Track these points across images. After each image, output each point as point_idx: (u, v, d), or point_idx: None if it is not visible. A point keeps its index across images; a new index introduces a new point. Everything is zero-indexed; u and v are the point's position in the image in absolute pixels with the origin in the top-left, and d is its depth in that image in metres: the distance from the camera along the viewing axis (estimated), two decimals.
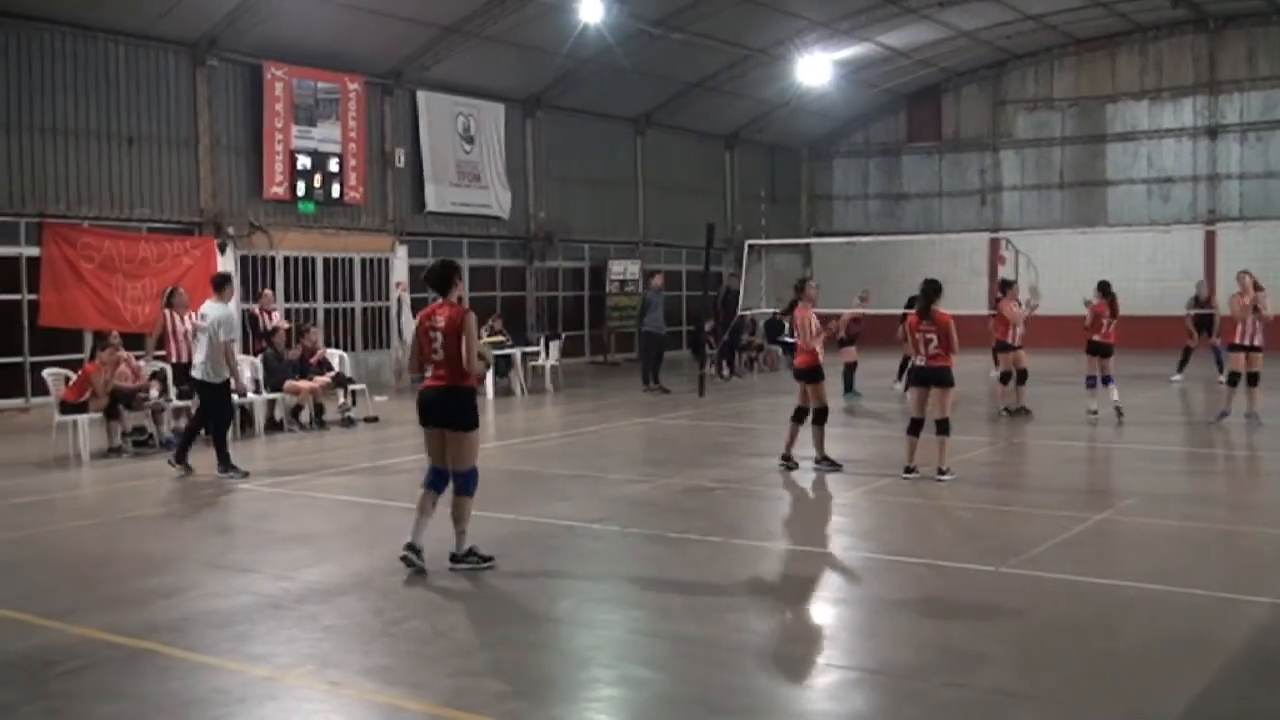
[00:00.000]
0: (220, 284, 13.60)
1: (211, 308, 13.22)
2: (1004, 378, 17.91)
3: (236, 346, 14.14)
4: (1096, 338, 16.79)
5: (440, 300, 8.68)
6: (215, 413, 13.34)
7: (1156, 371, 22.80)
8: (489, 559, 8.61)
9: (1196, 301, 23.16)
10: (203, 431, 13.64)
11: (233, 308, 13.61)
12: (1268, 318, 16.09)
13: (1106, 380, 16.71)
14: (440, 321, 8.53)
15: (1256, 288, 16.17)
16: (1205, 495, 12.29)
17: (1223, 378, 20.87)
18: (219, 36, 20.98)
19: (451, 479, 8.61)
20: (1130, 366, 22.43)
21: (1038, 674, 6.36)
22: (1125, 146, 33.24)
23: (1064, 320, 17.78)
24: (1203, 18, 31.33)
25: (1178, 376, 22.40)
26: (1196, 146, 32.21)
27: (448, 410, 8.55)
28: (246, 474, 12.95)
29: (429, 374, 8.70)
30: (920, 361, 12.46)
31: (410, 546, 8.48)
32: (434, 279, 8.75)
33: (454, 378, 8.51)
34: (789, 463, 13.15)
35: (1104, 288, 17.03)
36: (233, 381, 13.25)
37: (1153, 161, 32.85)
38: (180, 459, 13.20)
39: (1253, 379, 16.05)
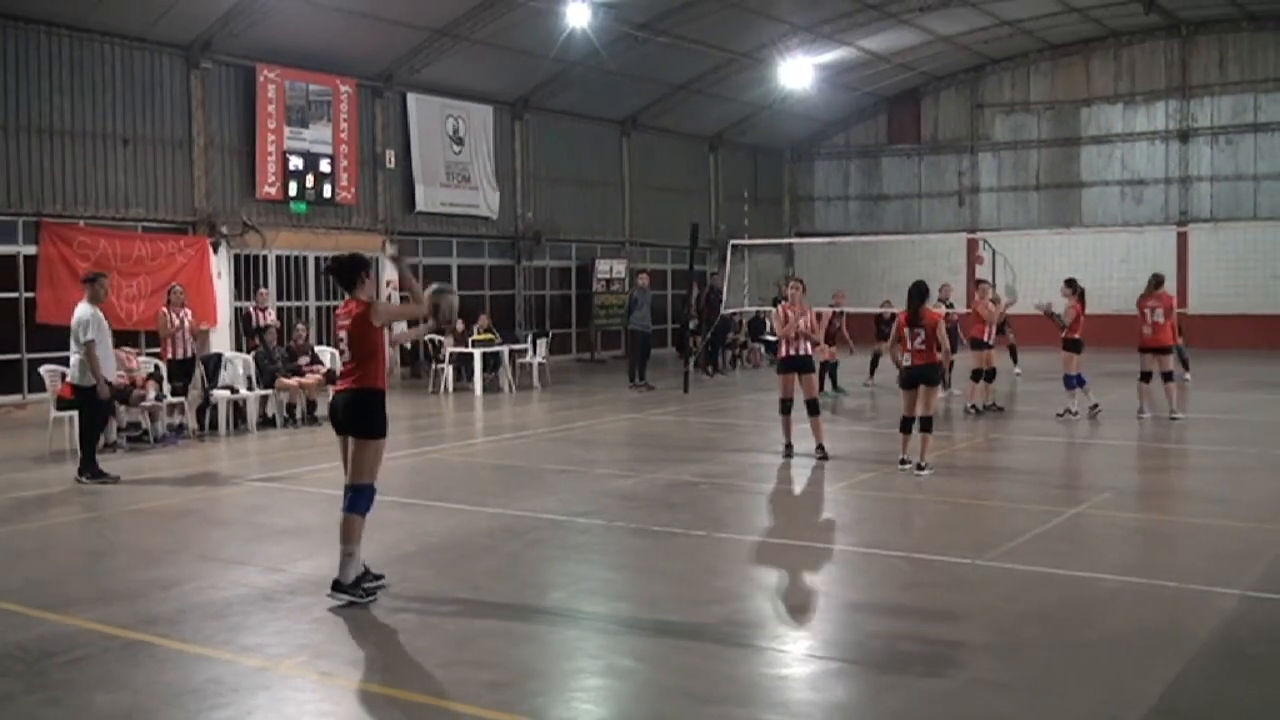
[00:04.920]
0: (86, 282, 12.94)
1: (77, 308, 12.62)
2: (975, 375, 17.88)
3: (224, 347, 13.88)
4: (1077, 335, 16.78)
5: (347, 298, 7.98)
6: (85, 416, 12.73)
7: (1129, 369, 22.83)
8: (373, 594, 7.62)
9: None
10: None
11: (93, 309, 12.51)
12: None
13: (1082, 380, 16.73)
14: (345, 320, 7.85)
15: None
16: (1176, 490, 12.37)
17: (1188, 375, 21.04)
18: (213, 39, 20.91)
19: (343, 492, 7.80)
20: (1104, 364, 22.51)
21: (1015, 664, 6.38)
22: (1099, 149, 33.37)
23: (1040, 319, 17.73)
24: (1175, 24, 31.43)
25: None
26: (1169, 149, 32.34)
27: (351, 414, 7.71)
28: (117, 479, 12.38)
29: (339, 377, 7.98)
30: (907, 361, 12.42)
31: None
32: (338, 271, 7.95)
33: (362, 379, 7.73)
34: (789, 451, 13.68)
35: (1074, 285, 17.11)
36: (98, 384, 12.47)
37: (1126, 164, 32.98)
38: (92, 474, 12.37)
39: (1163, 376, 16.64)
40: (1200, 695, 5.96)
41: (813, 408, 13.49)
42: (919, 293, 12.50)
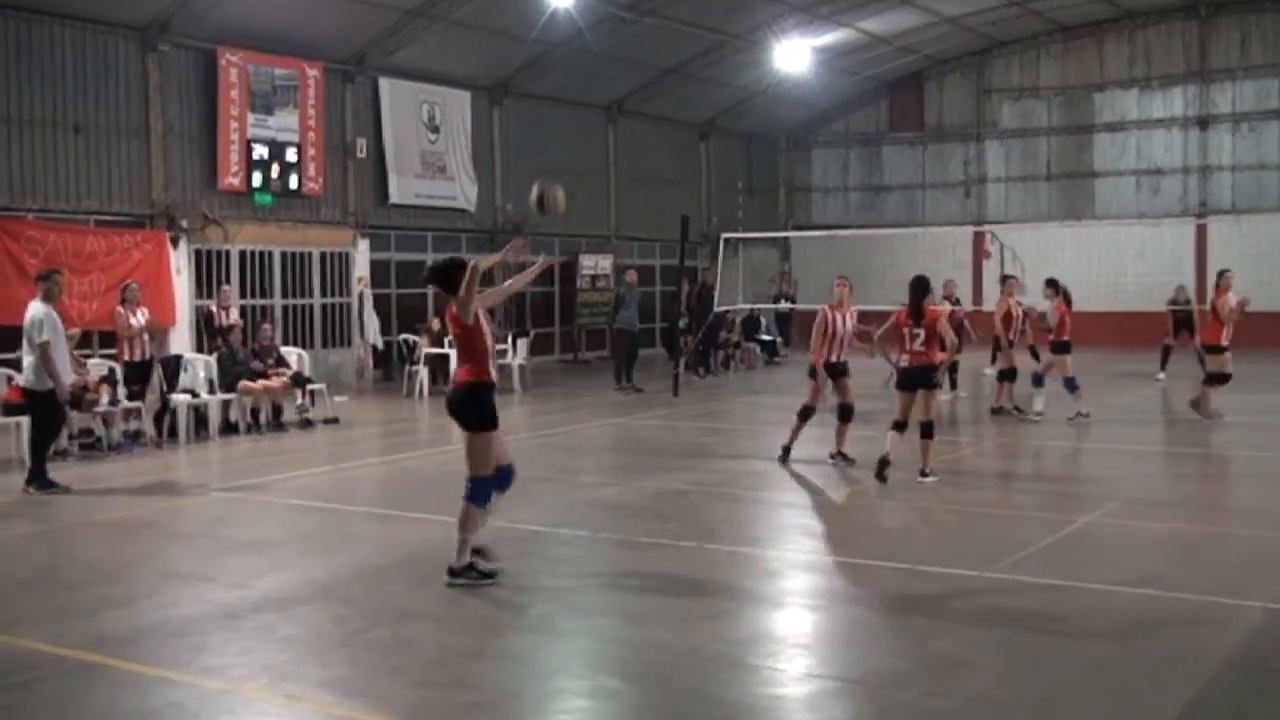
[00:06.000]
0: (39, 279, 12.85)
1: (30, 307, 12.52)
2: (1009, 375, 17.96)
3: (183, 348, 13.80)
4: (1065, 337, 16.99)
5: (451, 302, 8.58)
6: (38, 422, 12.63)
7: (1143, 370, 22.95)
8: (491, 574, 8.36)
9: (1174, 302, 23.56)
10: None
11: (47, 308, 12.42)
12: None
13: (1072, 383, 16.83)
14: (451, 324, 8.57)
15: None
16: (1190, 497, 12.40)
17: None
18: (171, 20, 20.84)
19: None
20: (1118, 364, 22.62)
21: (1024, 682, 6.39)
22: (1113, 137, 33.44)
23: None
24: (1194, 4, 31.57)
25: (1161, 375, 22.59)
26: (1187, 137, 32.43)
27: (457, 408, 8.50)
28: (68, 489, 12.28)
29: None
30: (904, 362, 12.44)
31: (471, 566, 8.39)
32: (439, 279, 8.63)
33: (468, 373, 8.45)
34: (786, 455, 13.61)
35: (1056, 285, 17.32)
36: (57, 387, 12.37)
37: (1142, 152, 33.05)
38: (41, 484, 12.30)
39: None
40: (1222, 711, 5.98)
41: (846, 414, 13.45)
42: (920, 287, 12.53)
